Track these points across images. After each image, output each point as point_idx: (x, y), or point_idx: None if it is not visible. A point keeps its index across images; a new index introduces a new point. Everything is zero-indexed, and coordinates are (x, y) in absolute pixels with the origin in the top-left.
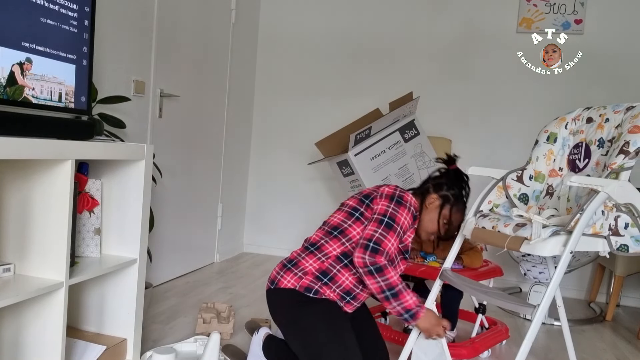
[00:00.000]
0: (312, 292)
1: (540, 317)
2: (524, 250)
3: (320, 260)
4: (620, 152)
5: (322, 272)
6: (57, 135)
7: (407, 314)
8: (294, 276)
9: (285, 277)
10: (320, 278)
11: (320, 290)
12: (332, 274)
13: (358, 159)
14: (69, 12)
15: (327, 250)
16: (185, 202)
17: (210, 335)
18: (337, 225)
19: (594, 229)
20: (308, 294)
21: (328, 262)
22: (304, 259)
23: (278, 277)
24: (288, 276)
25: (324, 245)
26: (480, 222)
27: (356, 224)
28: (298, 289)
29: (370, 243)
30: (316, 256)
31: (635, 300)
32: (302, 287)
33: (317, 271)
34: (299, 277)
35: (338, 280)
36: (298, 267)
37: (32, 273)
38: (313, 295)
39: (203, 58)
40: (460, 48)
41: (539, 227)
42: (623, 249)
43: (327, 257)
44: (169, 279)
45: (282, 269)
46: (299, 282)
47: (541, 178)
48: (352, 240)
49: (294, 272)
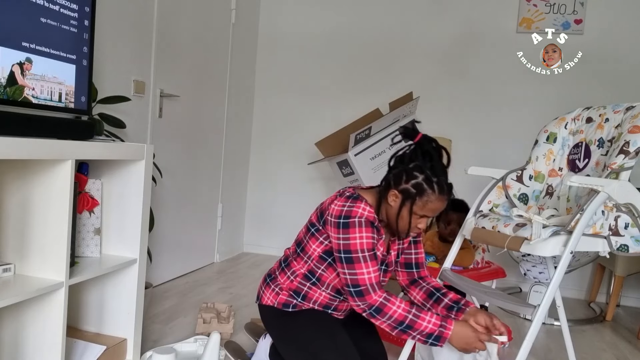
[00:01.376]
0: (290, 307)
1: (540, 317)
2: (524, 251)
3: (289, 280)
4: (620, 152)
5: (293, 291)
6: (57, 135)
7: (432, 339)
8: (272, 292)
9: (265, 293)
10: (294, 296)
11: (299, 304)
12: (303, 292)
13: (358, 159)
14: (69, 12)
15: (295, 268)
16: (185, 202)
17: (210, 335)
18: (299, 240)
19: (594, 229)
20: (287, 309)
21: (297, 281)
22: (280, 274)
23: (260, 292)
24: (267, 292)
25: (292, 263)
26: (480, 222)
27: (311, 240)
28: (276, 306)
29: (350, 289)
30: (286, 274)
31: (635, 300)
32: (280, 303)
33: (289, 290)
34: (275, 292)
35: (312, 297)
36: (275, 283)
37: (32, 273)
38: (292, 309)
39: (203, 58)
40: (460, 48)
41: (539, 227)
42: (623, 249)
43: (295, 275)
44: (169, 279)
45: (263, 283)
46: (276, 299)
47: (541, 178)
48: (312, 257)
49: (272, 287)
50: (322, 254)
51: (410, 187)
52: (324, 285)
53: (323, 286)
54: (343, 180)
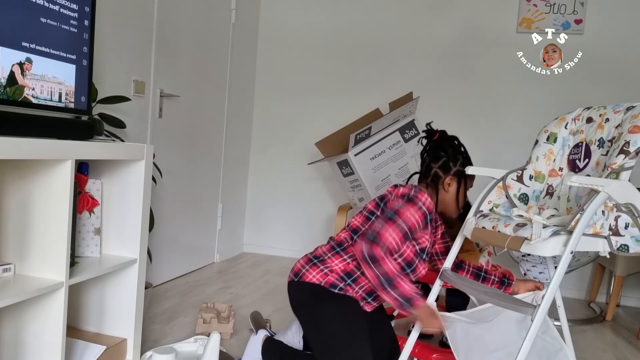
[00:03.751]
0: (336, 289)
1: (540, 317)
2: (524, 251)
3: (345, 262)
4: (621, 152)
5: (346, 274)
6: (57, 135)
7: (404, 300)
8: (320, 272)
9: (310, 272)
10: (345, 279)
11: (345, 289)
12: (355, 275)
13: (358, 159)
14: (69, 12)
15: (352, 253)
16: (185, 202)
17: (210, 335)
18: (356, 228)
19: (594, 229)
20: (332, 290)
21: (353, 264)
22: (330, 258)
23: (303, 271)
24: (314, 271)
25: (349, 247)
26: (480, 222)
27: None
28: (323, 285)
29: (369, 235)
30: (342, 257)
31: (635, 300)
32: (328, 283)
33: (342, 272)
34: (324, 273)
35: (361, 282)
36: (324, 264)
37: (32, 273)
38: (337, 291)
39: (203, 58)
40: (460, 48)
41: (540, 227)
42: (623, 249)
43: (352, 259)
44: (169, 279)
45: (307, 263)
46: (324, 278)
47: (541, 178)
48: None
49: (320, 268)
50: None
51: (460, 167)
52: None
53: None
54: (343, 180)
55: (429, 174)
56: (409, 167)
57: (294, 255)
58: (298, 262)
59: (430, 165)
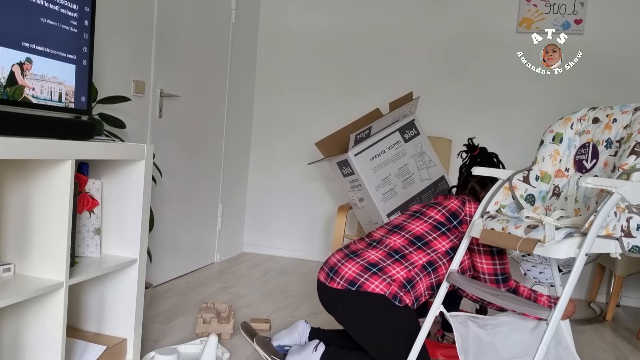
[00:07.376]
0: (397, 300)
1: (556, 320)
2: (538, 252)
3: (407, 269)
4: (632, 152)
5: (407, 280)
6: (57, 135)
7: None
8: (383, 282)
9: (371, 281)
10: (405, 285)
11: (403, 297)
12: (415, 281)
13: (358, 159)
14: (69, 12)
15: (413, 260)
16: (185, 202)
17: (209, 337)
18: (420, 235)
19: (606, 230)
20: (394, 302)
21: (414, 271)
22: (389, 266)
23: (362, 280)
24: (376, 281)
25: (410, 254)
26: (488, 223)
27: (442, 237)
28: (387, 295)
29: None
30: (403, 264)
31: (635, 300)
32: (391, 294)
33: (404, 279)
34: (388, 283)
35: (417, 287)
36: (385, 273)
37: (32, 273)
38: (398, 303)
39: (203, 58)
40: (460, 48)
41: (552, 229)
42: (635, 250)
43: (413, 266)
44: (169, 279)
45: (366, 272)
46: (388, 289)
47: (547, 178)
48: (438, 251)
49: (382, 277)
50: (449, 249)
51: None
52: (434, 276)
53: (431, 276)
54: (343, 180)
55: (466, 187)
56: (408, 167)
57: (293, 255)
58: (350, 270)
59: (467, 179)
